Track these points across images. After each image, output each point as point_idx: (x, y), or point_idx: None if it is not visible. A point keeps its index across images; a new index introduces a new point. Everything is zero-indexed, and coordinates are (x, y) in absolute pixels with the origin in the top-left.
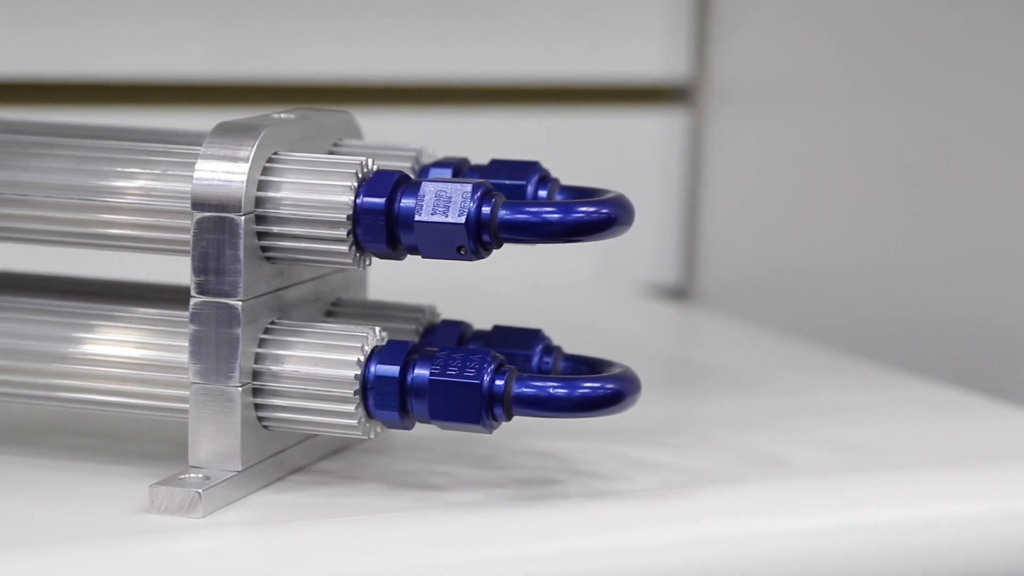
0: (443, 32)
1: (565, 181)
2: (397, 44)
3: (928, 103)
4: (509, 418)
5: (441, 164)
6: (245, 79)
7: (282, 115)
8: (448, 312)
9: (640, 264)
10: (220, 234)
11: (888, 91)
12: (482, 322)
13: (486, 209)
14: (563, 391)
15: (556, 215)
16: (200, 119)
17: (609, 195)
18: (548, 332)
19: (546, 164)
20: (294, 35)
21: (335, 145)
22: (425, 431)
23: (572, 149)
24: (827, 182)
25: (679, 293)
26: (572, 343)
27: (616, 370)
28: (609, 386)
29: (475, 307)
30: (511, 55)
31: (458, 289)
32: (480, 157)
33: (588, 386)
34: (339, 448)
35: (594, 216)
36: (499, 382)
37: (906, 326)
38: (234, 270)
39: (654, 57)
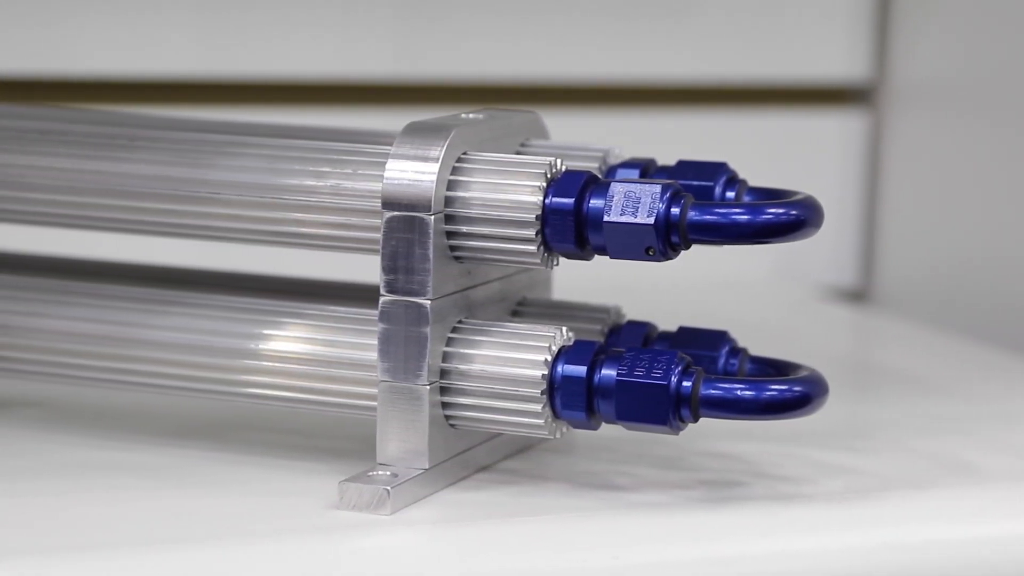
0: (629, 33)
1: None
2: (583, 45)
3: None
4: (696, 419)
5: (628, 164)
6: (430, 79)
7: (471, 115)
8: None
9: (817, 265)
10: (410, 233)
11: None
12: (655, 322)
13: (675, 210)
14: (750, 393)
15: (745, 216)
16: (386, 119)
17: (798, 197)
18: None
19: None
20: (480, 35)
21: (522, 145)
22: (607, 431)
23: (751, 149)
24: (1009, 183)
25: (857, 295)
26: (749, 345)
27: (803, 373)
28: (797, 389)
29: (648, 307)
30: (694, 56)
31: (631, 288)
32: (663, 157)
33: (775, 388)
34: (523, 447)
35: (783, 218)
36: (686, 383)
37: None
38: (423, 269)
39: (835, 58)
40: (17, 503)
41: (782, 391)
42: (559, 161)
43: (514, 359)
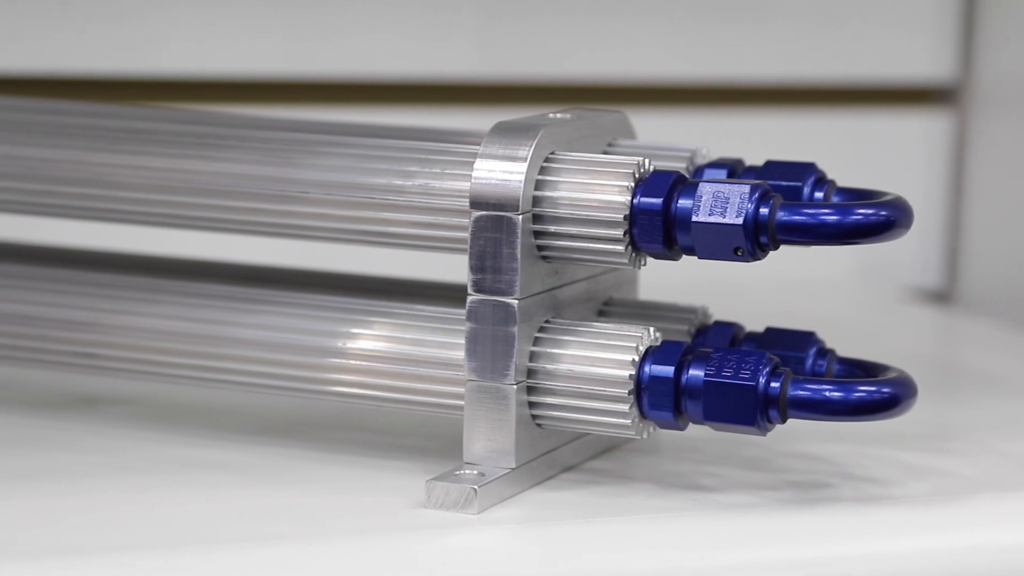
0: (715, 33)
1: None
2: (669, 44)
3: None
4: (784, 420)
5: (716, 165)
6: (515, 79)
7: (558, 115)
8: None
9: (900, 266)
10: (498, 233)
11: None
12: (738, 322)
13: (764, 210)
14: (839, 394)
15: (835, 217)
16: (472, 119)
17: (888, 197)
18: None
19: None
20: (566, 35)
21: (609, 145)
22: (691, 431)
23: (836, 149)
24: None
25: (941, 296)
26: (833, 346)
27: (892, 374)
28: (885, 390)
29: (730, 307)
30: (781, 56)
31: (712, 288)
32: (749, 158)
33: (864, 390)
34: (608, 447)
35: (873, 218)
36: (774, 384)
37: None
38: (511, 268)
39: (920, 58)
40: (106, 501)
41: (871, 392)
42: (647, 161)
43: (601, 359)
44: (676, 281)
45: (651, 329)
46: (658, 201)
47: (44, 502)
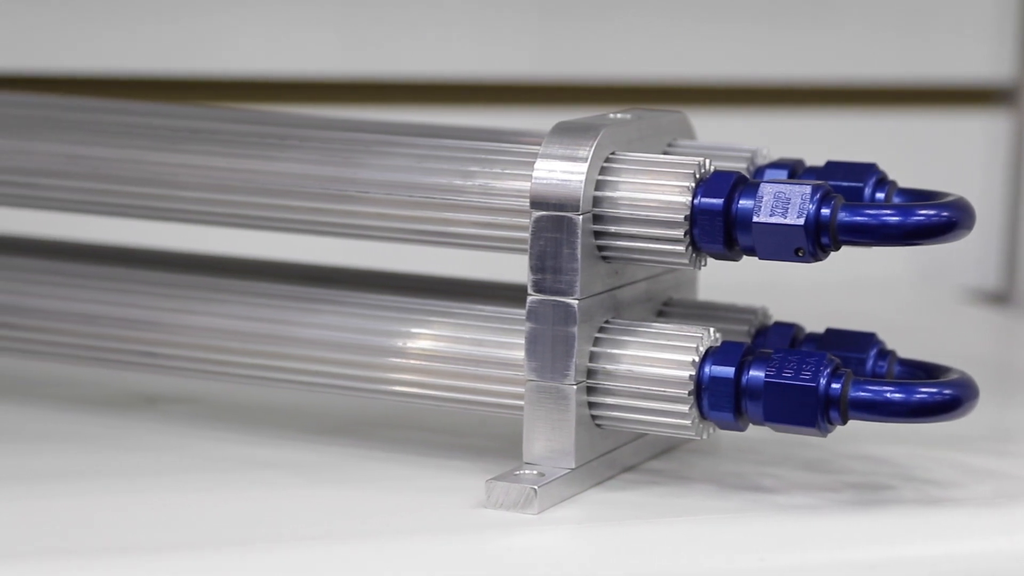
0: (775, 33)
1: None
2: (729, 44)
3: None
4: (844, 422)
5: (776, 165)
6: (574, 79)
7: (618, 115)
8: None
9: (957, 267)
10: (558, 233)
11: None
12: (796, 323)
13: (825, 211)
14: (900, 396)
15: (896, 218)
16: (531, 119)
17: (950, 198)
18: None
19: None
20: (624, 35)
21: (669, 145)
22: (750, 431)
23: (896, 150)
24: None
25: (1000, 297)
26: (891, 347)
27: (954, 375)
28: (947, 391)
29: (788, 307)
30: (840, 56)
31: (770, 288)
32: (809, 158)
33: (925, 391)
34: (667, 448)
35: (934, 219)
36: (835, 385)
37: None
38: (571, 269)
39: (980, 59)
40: (168, 499)
41: (932, 394)
42: (708, 161)
43: (661, 359)
44: (731, 280)
45: (711, 330)
46: (719, 202)
47: (106, 501)
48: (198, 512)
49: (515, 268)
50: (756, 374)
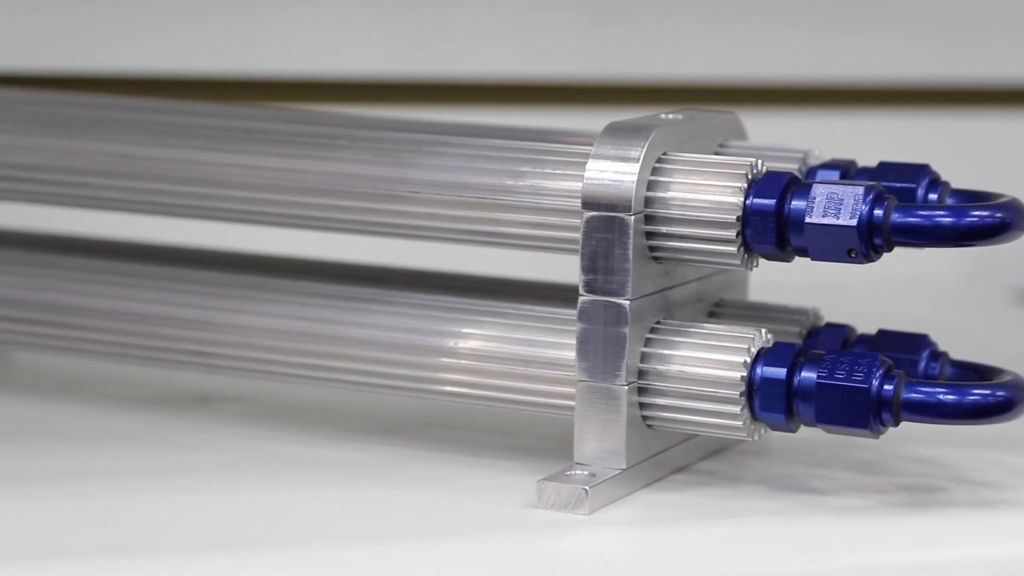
0: (827, 33)
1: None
2: (779, 44)
3: None
4: (897, 423)
5: (828, 166)
6: (624, 79)
7: (670, 115)
8: None
9: (1007, 267)
10: (609, 233)
11: None
12: (847, 323)
13: (878, 212)
14: (952, 397)
15: (949, 219)
16: (580, 119)
17: (1004, 199)
18: None
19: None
20: (674, 35)
21: (721, 146)
22: (800, 432)
23: (948, 150)
24: None
25: None
26: (942, 348)
27: (1007, 377)
28: (1000, 393)
29: (836, 307)
30: (893, 56)
31: (814, 288)
32: (861, 159)
33: (978, 393)
34: (718, 449)
35: (988, 220)
36: (888, 387)
37: None
38: (623, 269)
39: None
40: (219, 498)
41: (985, 396)
42: (760, 162)
43: (713, 360)
44: (777, 280)
45: (763, 330)
46: (771, 202)
47: (159, 499)
48: (248, 511)
49: (565, 268)
50: (808, 375)
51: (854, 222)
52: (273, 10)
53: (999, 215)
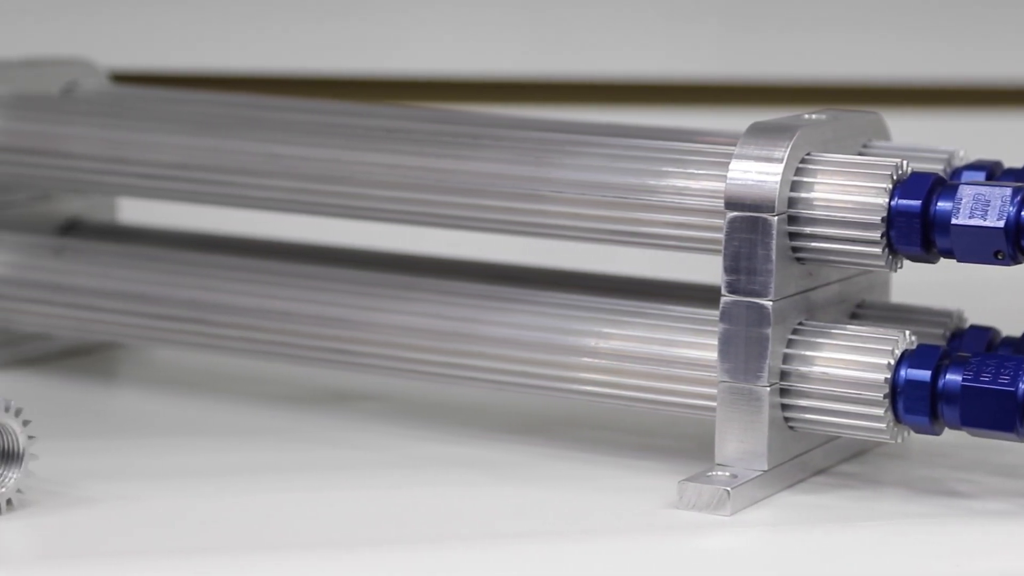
0: (972, 32)
1: None
2: (924, 44)
3: None
4: None
5: (974, 167)
6: (763, 80)
7: (813, 116)
8: None
9: None
10: (753, 234)
11: None
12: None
13: None
14: None
15: None
16: (718, 119)
17: None
18: None
19: None
20: (816, 35)
21: (864, 146)
22: (942, 435)
23: None
24: None
25: None
26: None
27: None
28: None
29: (975, 309)
30: None
31: (958, 289)
32: (1009, 160)
33: None
34: (858, 451)
35: None
36: None
37: None
38: (766, 270)
39: None
40: (360, 496)
41: None
42: (905, 163)
43: (856, 362)
44: (919, 281)
45: (907, 332)
46: (917, 203)
47: (297, 496)
48: (387, 509)
49: (707, 269)
50: (953, 378)
51: (1001, 223)
52: (415, 10)
53: None
